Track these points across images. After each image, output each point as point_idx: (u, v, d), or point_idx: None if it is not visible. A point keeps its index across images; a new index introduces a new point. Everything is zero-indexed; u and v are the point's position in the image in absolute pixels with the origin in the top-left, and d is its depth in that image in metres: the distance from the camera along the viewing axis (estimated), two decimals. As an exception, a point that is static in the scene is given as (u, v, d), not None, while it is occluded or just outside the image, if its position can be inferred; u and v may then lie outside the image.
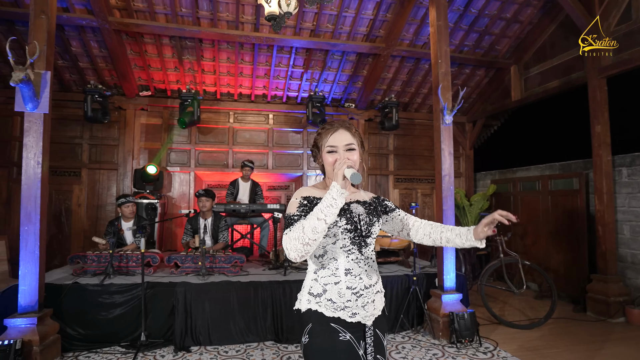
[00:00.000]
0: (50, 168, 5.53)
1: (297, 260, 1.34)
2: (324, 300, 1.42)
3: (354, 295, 1.42)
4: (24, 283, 3.05)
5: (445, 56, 3.96)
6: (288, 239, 1.32)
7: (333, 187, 1.32)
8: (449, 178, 3.92)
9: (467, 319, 3.52)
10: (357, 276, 1.45)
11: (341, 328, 1.40)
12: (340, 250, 1.45)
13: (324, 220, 1.29)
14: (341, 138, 1.52)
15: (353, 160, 1.51)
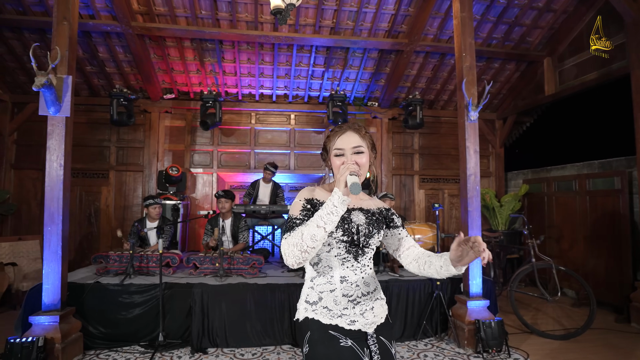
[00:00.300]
0: (80, 170, 5.79)
1: (293, 266, 1.30)
2: (319, 308, 1.36)
3: (350, 302, 1.36)
4: (47, 282, 3.14)
5: (469, 49, 3.76)
6: (286, 245, 1.29)
7: (335, 194, 1.26)
8: (475, 177, 3.71)
9: (494, 327, 3.30)
10: (353, 284, 1.38)
11: (340, 335, 1.32)
12: (334, 259, 1.39)
13: (323, 228, 1.24)
14: (349, 140, 1.44)
15: (361, 164, 1.42)
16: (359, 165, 1.42)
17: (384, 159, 6.46)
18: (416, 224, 4.34)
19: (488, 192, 6.26)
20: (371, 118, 6.50)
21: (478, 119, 6.60)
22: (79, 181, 5.83)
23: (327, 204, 1.26)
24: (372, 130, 6.51)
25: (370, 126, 6.52)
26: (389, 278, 3.86)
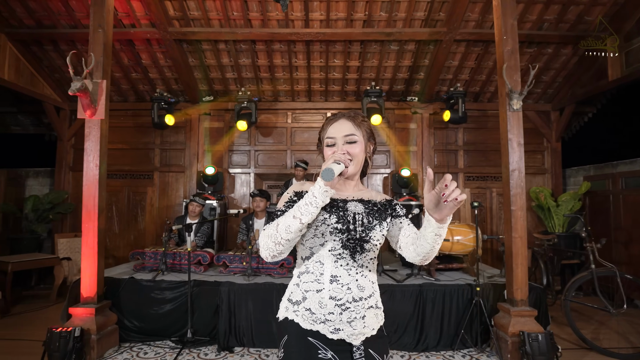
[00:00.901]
0: (128, 172, 6.12)
1: (267, 259, 1.20)
2: (301, 310, 1.22)
3: (337, 307, 1.20)
4: (85, 276, 3.31)
5: (511, 31, 3.40)
6: (262, 236, 1.22)
7: (316, 183, 1.13)
8: (519, 173, 3.34)
9: (542, 340, 2.93)
10: (344, 285, 1.22)
11: (321, 344, 1.18)
12: (328, 254, 1.24)
13: (299, 220, 1.12)
14: (341, 128, 1.32)
15: (353, 154, 1.30)
16: (350, 154, 1.29)
17: (425, 156, 6.13)
18: (455, 224, 4.01)
19: (543, 190, 5.69)
20: (411, 114, 6.20)
21: (531, 111, 6.14)
22: (127, 182, 6.19)
23: (308, 193, 1.15)
24: (412, 127, 6.22)
25: (410, 122, 6.22)
26: (423, 282, 3.61)
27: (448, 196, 1.01)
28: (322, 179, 1.09)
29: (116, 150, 6.18)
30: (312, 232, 1.25)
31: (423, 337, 3.46)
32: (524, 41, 5.13)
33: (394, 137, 6.20)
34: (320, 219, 1.24)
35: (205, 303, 3.57)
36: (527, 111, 6.13)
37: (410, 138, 6.22)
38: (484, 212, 6.07)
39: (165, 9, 4.73)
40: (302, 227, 1.14)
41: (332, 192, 1.14)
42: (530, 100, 6.14)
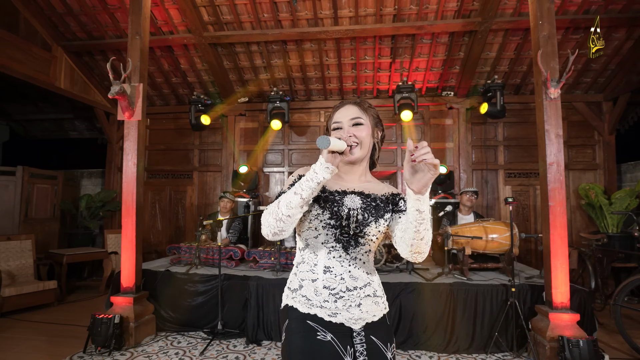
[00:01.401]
0: (170, 172, 6.44)
1: (268, 237, 1.21)
2: (299, 296, 1.23)
3: (332, 296, 1.20)
4: (124, 267, 3.53)
5: (547, 15, 3.19)
6: (265, 213, 1.22)
7: (318, 160, 1.13)
8: (557, 167, 3.12)
9: (583, 347, 2.71)
10: (337, 276, 1.21)
11: (319, 327, 1.17)
12: (321, 246, 1.24)
13: (299, 195, 1.12)
14: (346, 113, 1.32)
15: (359, 137, 1.29)
16: (357, 137, 1.27)
17: (462, 152, 5.89)
18: (490, 221, 3.81)
19: (593, 187, 5.26)
20: (446, 109, 5.99)
21: (579, 102, 5.73)
22: (169, 182, 6.53)
23: (309, 170, 1.14)
24: (447, 122, 6.01)
25: (446, 118, 6.02)
26: (454, 281, 3.47)
27: (417, 157, 0.96)
28: (319, 145, 1.08)
29: (158, 151, 6.56)
30: (307, 224, 1.24)
31: (454, 339, 3.32)
32: (568, 27, 4.79)
33: (429, 133, 6.03)
34: (314, 213, 1.23)
35: (234, 297, 3.67)
36: (575, 102, 5.72)
37: (447, 134, 6.01)
38: (527, 210, 5.72)
39: (200, 14, 4.94)
40: (303, 203, 1.13)
41: (333, 168, 1.11)
42: (578, 91, 5.72)
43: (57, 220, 6.07)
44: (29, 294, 4.43)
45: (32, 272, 4.85)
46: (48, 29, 5.21)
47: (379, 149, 1.41)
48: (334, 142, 1.10)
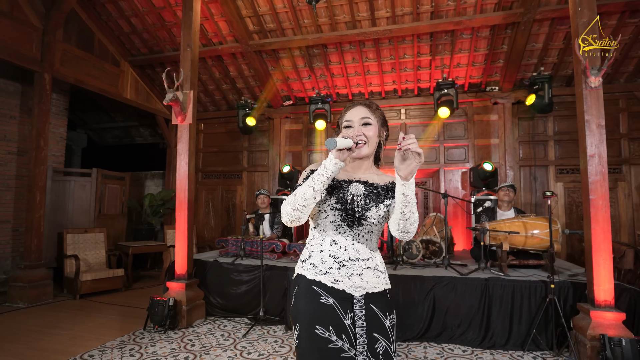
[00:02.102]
0: (222, 172, 6.93)
1: (287, 224, 1.40)
2: (307, 265, 1.40)
3: (336, 263, 1.35)
4: (178, 257, 3.93)
5: (587, 1, 3.06)
6: (284, 204, 1.40)
7: (329, 156, 1.30)
8: (599, 158, 2.99)
9: (625, 346, 2.58)
10: (342, 247, 1.37)
11: (323, 291, 1.33)
12: (329, 224, 1.41)
13: (312, 188, 1.30)
14: (357, 113, 1.47)
15: (368, 135, 1.44)
16: (366, 136, 1.42)
17: (507, 149, 5.69)
18: (531, 217, 3.69)
19: (658, 183, 4.84)
20: (491, 104, 5.83)
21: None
22: (221, 182, 7.02)
23: (320, 167, 1.31)
24: (492, 118, 5.84)
25: (491, 113, 5.85)
26: (490, 276, 3.42)
27: (403, 146, 1.10)
28: (328, 146, 1.24)
29: (211, 153, 7.08)
30: (317, 207, 1.41)
31: (489, 335, 3.28)
32: (624, 10, 4.48)
33: (473, 130, 5.90)
34: (323, 198, 1.40)
35: (275, 286, 3.92)
36: (637, 92, 5.29)
37: (492, 130, 5.85)
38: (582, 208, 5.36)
39: (245, 25, 5.31)
40: (315, 194, 1.30)
41: (341, 164, 1.27)
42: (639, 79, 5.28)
43: (125, 216, 6.79)
44: (101, 280, 5.05)
45: (105, 261, 5.51)
46: (117, 47, 5.91)
47: (384, 147, 1.54)
48: (341, 142, 1.25)
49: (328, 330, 1.27)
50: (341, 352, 1.26)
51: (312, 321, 1.30)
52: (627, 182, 5.30)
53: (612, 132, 5.40)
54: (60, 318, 4.05)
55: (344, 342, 1.27)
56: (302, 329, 1.30)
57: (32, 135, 4.74)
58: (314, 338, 1.27)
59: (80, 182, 6.08)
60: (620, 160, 5.35)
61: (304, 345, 1.28)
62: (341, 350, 1.26)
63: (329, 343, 1.26)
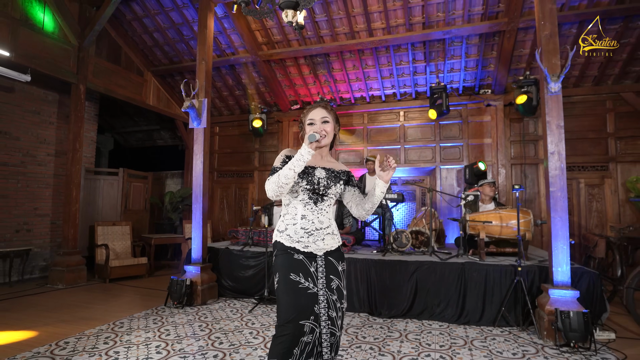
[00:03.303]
0: (235, 171, 7.51)
1: (272, 198, 1.88)
2: (284, 235, 1.88)
3: (306, 233, 1.84)
4: (194, 243, 4.50)
5: (550, 16, 3.46)
6: (268, 182, 1.88)
7: (303, 146, 1.79)
8: (558, 155, 3.37)
9: (573, 317, 2.96)
10: (309, 220, 1.86)
11: (296, 252, 1.83)
12: (299, 202, 1.89)
13: (293, 170, 1.78)
14: (318, 113, 1.95)
15: (327, 130, 1.92)
16: (325, 131, 1.91)
17: (500, 148, 6.05)
18: (507, 209, 4.07)
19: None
20: (484, 106, 6.20)
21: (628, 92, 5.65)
22: (234, 180, 7.60)
23: (297, 154, 1.80)
24: (485, 119, 6.21)
25: (484, 115, 6.22)
26: (466, 261, 3.84)
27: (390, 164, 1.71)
28: (309, 140, 1.73)
29: (226, 154, 7.67)
30: (291, 189, 1.91)
31: (465, 312, 3.70)
32: (603, 17, 4.80)
33: (468, 130, 6.28)
34: (296, 180, 1.89)
35: (278, 270, 4.42)
36: (623, 93, 5.58)
37: (485, 131, 6.21)
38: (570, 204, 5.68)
39: (255, 37, 5.87)
40: (295, 175, 1.78)
41: (313, 152, 1.77)
42: (628, 81, 5.57)
43: (148, 212, 7.46)
44: (128, 266, 5.69)
45: (130, 251, 6.16)
46: (141, 58, 6.57)
47: (337, 138, 2.04)
48: (317, 137, 1.76)
49: (298, 276, 1.77)
50: (307, 289, 1.76)
51: (287, 270, 1.79)
52: (613, 179, 5.58)
53: (600, 131, 5.70)
54: (94, 296, 4.68)
55: (309, 282, 1.77)
56: (281, 276, 1.80)
57: (69, 138, 5.41)
58: (288, 281, 1.76)
59: (109, 181, 6.77)
60: (607, 158, 5.63)
61: (281, 287, 1.78)
62: (307, 288, 1.76)
63: (299, 284, 1.76)
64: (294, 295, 1.75)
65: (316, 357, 1.74)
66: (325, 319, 1.76)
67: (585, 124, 5.73)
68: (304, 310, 1.73)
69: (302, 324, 1.70)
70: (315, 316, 1.74)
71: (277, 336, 1.72)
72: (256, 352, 2.92)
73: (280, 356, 1.67)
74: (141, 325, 3.53)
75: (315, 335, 1.73)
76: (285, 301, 1.76)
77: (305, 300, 1.75)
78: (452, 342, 3.18)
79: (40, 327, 3.46)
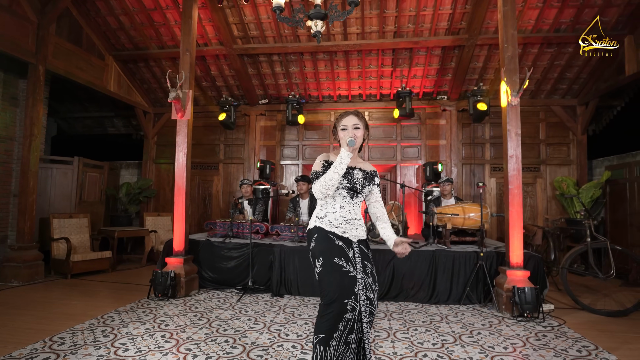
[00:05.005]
0: (199, 163, 7.41)
1: (321, 198, 2.11)
2: (325, 221, 2.13)
3: (344, 220, 2.10)
4: (176, 235, 4.48)
5: (511, 40, 4.06)
6: (316, 186, 2.10)
7: (342, 151, 2.03)
8: (516, 158, 3.99)
9: (527, 292, 3.60)
10: (347, 211, 2.12)
11: (336, 237, 2.08)
12: (339, 195, 2.14)
13: (337, 173, 2.02)
14: (350, 120, 2.20)
15: (357, 135, 2.18)
16: (356, 136, 2.18)
17: (453, 149, 6.76)
18: (468, 203, 4.69)
19: (565, 180, 6.11)
20: (441, 111, 6.87)
21: (557, 106, 6.59)
22: (198, 172, 7.49)
23: (338, 158, 2.04)
24: (441, 123, 6.89)
25: (440, 118, 6.89)
26: (436, 249, 4.36)
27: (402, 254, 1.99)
28: (349, 146, 1.98)
29: (189, 145, 7.50)
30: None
31: (435, 293, 4.22)
32: (542, 42, 5.64)
33: (426, 132, 6.91)
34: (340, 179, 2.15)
35: (262, 260, 4.60)
36: (553, 106, 6.57)
37: (440, 133, 6.89)
38: (508, 199, 6.57)
39: (231, 30, 5.87)
40: (339, 177, 2.04)
41: (351, 154, 2.02)
42: (556, 96, 6.55)
43: (103, 203, 7.06)
44: (90, 261, 5.41)
45: (89, 244, 5.84)
46: (103, 41, 6.20)
47: (365, 142, 2.32)
48: (355, 142, 2.01)
49: (341, 260, 2.03)
50: (349, 272, 2.02)
51: (331, 254, 2.04)
52: (543, 179, 6.57)
53: (534, 137, 6.65)
54: (63, 293, 4.44)
55: (350, 266, 2.04)
56: (325, 259, 2.04)
57: (26, 124, 5.00)
58: (333, 263, 2.01)
59: (62, 170, 6.31)
60: (539, 161, 6.61)
61: (327, 269, 2.02)
62: (349, 271, 2.02)
63: (342, 267, 2.02)
64: (339, 276, 2.00)
65: (356, 332, 2.02)
66: (364, 299, 2.03)
67: (523, 131, 6.60)
68: (347, 291, 1.99)
69: (345, 303, 1.96)
70: (355, 296, 2.00)
71: (323, 314, 1.96)
72: (263, 336, 3.11)
73: (327, 330, 1.93)
74: (133, 318, 3.51)
75: (356, 313, 2.00)
76: (331, 282, 2.00)
77: (348, 281, 2.01)
78: (431, 319, 3.66)
79: (18, 325, 3.28)
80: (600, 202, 5.80)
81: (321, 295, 2.03)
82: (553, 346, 2.98)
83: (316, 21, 2.58)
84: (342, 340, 1.94)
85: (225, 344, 2.92)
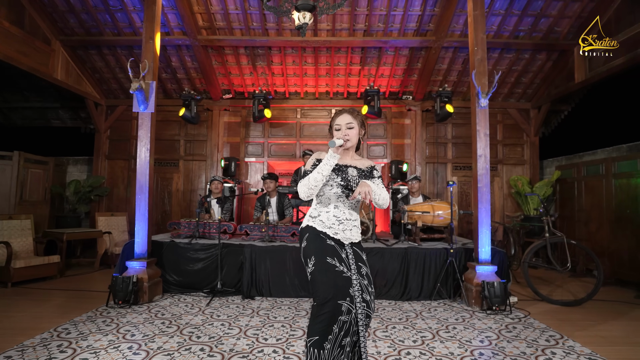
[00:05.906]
0: (157, 160, 6.99)
1: (304, 198, 2.01)
2: (317, 221, 2.04)
3: (337, 221, 2.02)
4: (138, 237, 4.17)
5: (481, 43, 4.20)
6: (300, 185, 2.01)
7: (330, 152, 1.95)
8: (485, 158, 4.15)
9: (496, 286, 3.75)
10: (341, 210, 2.05)
11: (327, 238, 2.00)
12: (333, 194, 2.06)
13: (321, 174, 1.94)
14: (343, 119, 2.12)
15: (351, 135, 2.10)
16: (349, 135, 2.11)
17: (417, 148, 6.93)
18: (437, 201, 4.81)
19: (520, 179, 6.48)
20: (406, 110, 7.01)
21: (513, 109, 6.94)
22: (156, 169, 7.04)
23: (324, 159, 1.96)
24: (407, 122, 7.03)
25: (405, 118, 7.03)
26: (408, 246, 4.43)
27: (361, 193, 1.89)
28: (329, 146, 1.90)
29: (147, 141, 7.04)
30: (326, 182, 2.07)
31: (407, 290, 4.28)
32: (503, 48, 5.92)
33: (391, 131, 7.02)
34: (332, 176, 2.06)
35: (231, 261, 4.41)
36: (509, 109, 6.93)
37: (405, 132, 7.03)
38: (469, 197, 6.87)
39: (195, 20, 5.57)
40: (323, 178, 1.95)
41: (338, 156, 1.94)
42: (512, 99, 6.93)
43: (48, 203, 6.43)
44: (35, 267, 4.89)
45: (32, 248, 5.28)
46: (49, 24, 5.61)
47: (363, 139, 2.26)
48: (337, 142, 1.94)
49: (334, 260, 1.95)
50: (342, 273, 1.95)
51: (323, 254, 1.96)
52: (500, 177, 6.93)
53: (492, 138, 6.96)
54: (5, 304, 3.95)
55: (343, 267, 1.97)
56: (317, 259, 1.95)
57: (-43, 112, 4.39)
58: (325, 263, 1.93)
59: (0, 166, 5.65)
60: (496, 160, 6.95)
61: (319, 269, 1.93)
62: (342, 272, 1.95)
63: (335, 267, 1.94)
64: (332, 275, 1.92)
65: (351, 336, 1.95)
66: (360, 302, 1.96)
67: (482, 132, 6.95)
68: (341, 291, 1.92)
69: (339, 304, 1.88)
70: (350, 298, 1.93)
71: (317, 315, 1.87)
72: (241, 342, 2.96)
73: (320, 333, 1.84)
74: (92, 329, 3.20)
75: (352, 316, 1.92)
76: (323, 282, 1.91)
77: (342, 282, 1.94)
78: (407, 315, 3.69)
79: (-42, 342, 2.87)
80: (551, 200, 6.23)
81: (314, 296, 1.94)
82: (524, 337, 3.11)
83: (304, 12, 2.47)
84: (337, 343, 1.87)
85: (202, 352, 2.74)
